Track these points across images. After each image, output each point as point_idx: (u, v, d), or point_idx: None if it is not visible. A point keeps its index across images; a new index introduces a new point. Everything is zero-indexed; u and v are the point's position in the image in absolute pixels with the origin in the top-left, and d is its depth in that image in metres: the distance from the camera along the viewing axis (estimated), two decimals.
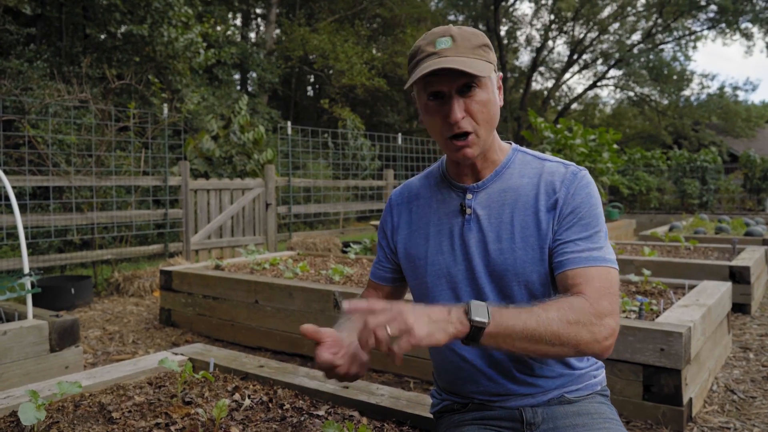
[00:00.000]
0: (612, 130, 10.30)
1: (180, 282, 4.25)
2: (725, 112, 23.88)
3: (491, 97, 1.22)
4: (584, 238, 1.19)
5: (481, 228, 1.27)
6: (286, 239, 8.07)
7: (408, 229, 1.38)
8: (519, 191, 1.26)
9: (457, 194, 1.32)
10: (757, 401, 2.82)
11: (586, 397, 1.29)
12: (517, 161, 1.31)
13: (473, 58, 1.17)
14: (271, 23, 19.92)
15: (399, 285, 1.48)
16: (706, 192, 12.52)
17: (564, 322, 1.05)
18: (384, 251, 1.46)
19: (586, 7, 24.40)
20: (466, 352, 1.30)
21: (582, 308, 1.08)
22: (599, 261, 1.17)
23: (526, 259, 1.23)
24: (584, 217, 1.21)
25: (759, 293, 4.97)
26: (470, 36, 1.20)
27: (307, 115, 23.33)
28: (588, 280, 1.14)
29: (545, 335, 1.04)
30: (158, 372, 2.00)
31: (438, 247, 1.31)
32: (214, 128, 10.08)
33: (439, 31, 1.21)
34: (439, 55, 1.17)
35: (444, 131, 1.21)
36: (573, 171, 1.25)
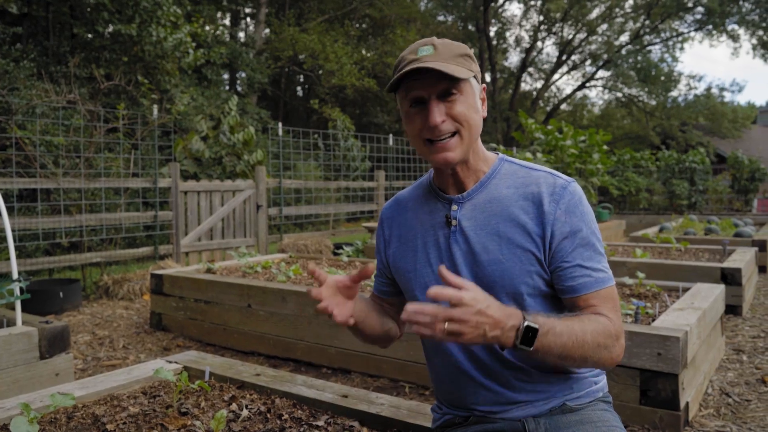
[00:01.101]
0: (602, 131, 10.34)
1: (171, 286, 4.20)
2: (712, 113, 24.09)
3: (472, 104, 1.22)
4: (588, 259, 1.21)
5: (467, 239, 1.26)
6: (277, 241, 8.02)
7: (398, 242, 1.39)
8: (505, 202, 1.26)
9: (443, 205, 1.32)
10: (752, 404, 2.83)
11: (588, 405, 1.28)
12: (503, 171, 1.30)
13: (453, 64, 1.18)
14: (260, 23, 19.82)
15: (399, 298, 1.47)
16: (695, 193, 12.61)
17: (594, 346, 1.12)
18: (380, 266, 1.47)
19: (574, 8, 24.52)
20: (461, 363, 1.29)
21: (608, 332, 1.15)
22: (606, 282, 1.21)
23: (514, 270, 1.22)
24: (585, 237, 1.22)
25: (750, 295, 5.00)
26: (452, 46, 1.22)
27: (296, 116, 23.25)
28: (603, 302, 1.20)
29: (577, 355, 1.11)
30: (152, 381, 1.96)
31: (426, 260, 1.31)
32: (203, 129, 10.00)
33: (421, 41, 1.23)
34: (419, 61, 1.18)
35: (423, 134, 1.21)
36: (562, 185, 1.24)
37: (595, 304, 1.20)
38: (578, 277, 1.20)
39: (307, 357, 3.51)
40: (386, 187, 10.42)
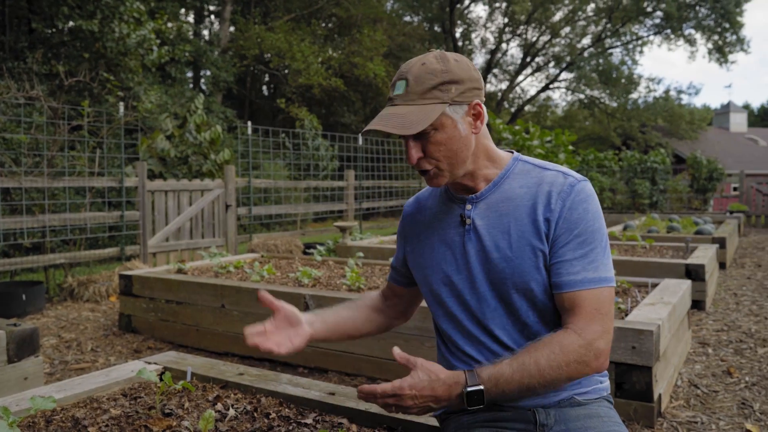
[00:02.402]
0: (567, 132, 10.54)
1: (141, 287, 4.11)
2: (670, 115, 24.81)
3: (452, 134, 1.22)
4: (579, 257, 1.22)
5: (480, 238, 1.30)
6: (246, 241, 7.93)
7: (417, 240, 1.44)
8: (517, 201, 1.29)
9: (458, 205, 1.36)
10: (719, 395, 2.92)
11: (594, 401, 1.31)
12: (516, 171, 1.33)
13: (421, 104, 1.20)
14: (225, 21, 19.56)
15: (409, 291, 1.56)
16: (656, 192, 12.95)
17: (555, 368, 1.15)
18: (398, 259, 1.55)
19: (538, 11, 24.93)
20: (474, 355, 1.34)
21: (571, 345, 1.17)
22: (593, 283, 1.21)
23: (523, 267, 1.25)
24: (581, 233, 1.23)
25: (712, 290, 5.16)
26: (425, 78, 1.20)
27: (262, 115, 23.03)
28: (579, 305, 1.20)
29: (540, 384, 1.16)
30: (132, 383, 1.91)
31: (442, 257, 1.36)
32: (168, 127, 9.81)
33: (402, 70, 1.25)
34: (391, 102, 1.24)
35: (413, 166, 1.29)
36: (570, 183, 1.26)
37: (571, 308, 1.21)
38: (564, 274, 1.22)
39: (283, 357, 3.47)
40: (356, 187, 10.40)
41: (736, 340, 3.87)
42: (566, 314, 1.22)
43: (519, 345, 1.28)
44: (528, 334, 1.29)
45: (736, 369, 3.28)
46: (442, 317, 1.40)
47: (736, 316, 4.52)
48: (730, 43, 23.63)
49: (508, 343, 1.29)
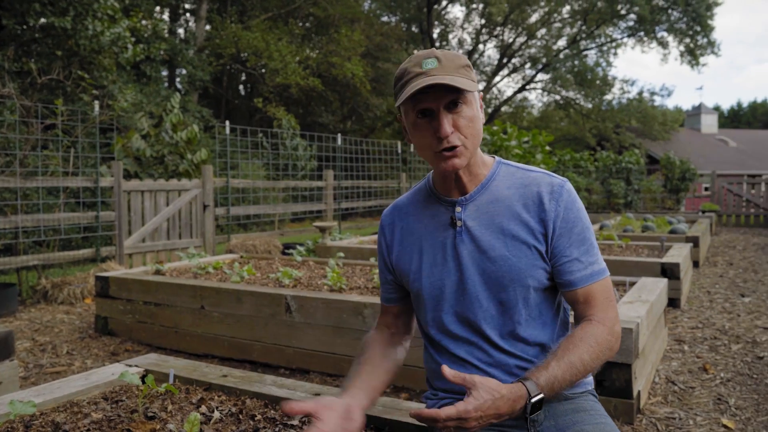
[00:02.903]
0: (544, 132, 10.65)
1: (118, 288, 4.04)
2: (644, 116, 25.22)
3: (476, 113, 1.28)
4: (584, 254, 1.30)
5: (473, 239, 1.32)
6: (224, 242, 7.86)
7: (401, 246, 1.43)
8: (506, 202, 1.32)
9: (446, 208, 1.37)
10: (696, 391, 2.98)
11: (581, 395, 1.35)
12: (501, 173, 1.37)
13: (458, 76, 1.23)
14: (201, 19, 19.35)
15: (406, 303, 1.52)
16: (631, 192, 13.16)
17: (594, 359, 1.23)
18: (384, 273, 1.51)
19: (515, 12, 25.15)
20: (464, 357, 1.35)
21: (601, 335, 1.25)
22: (600, 275, 1.31)
23: (520, 266, 1.29)
24: (580, 231, 1.31)
25: (687, 288, 5.26)
26: (453, 57, 1.26)
27: (239, 114, 22.84)
28: (594, 297, 1.30)
29: (581, 377, 1.23)
30: (113, 386, 1.88)
31: (432, 260, 1.36)
32: (144, 127, 9.67)
33: (423, 53, 1.27)
34: (426, 74, 1.22)
35: (434, 146, 1.26)
36: (559, 183, 1.32)
37: (588, 301, 1.29)
38: (575, 272, 1.29)
39: (263, 358, 3.45)
40: (335, 187, 10.38)
41: (711, 337, 3.95)
42: (583, 307, 1.31)
43: (507, 341, 1.31)
44: (516, 330, 1.31)
45: (711, 365, 3.35)
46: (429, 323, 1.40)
47: (710, 314, 4.61)
48: (701, 45, 24.11)
49: (496, 341, 1.31)
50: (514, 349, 1.32)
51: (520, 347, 1.32)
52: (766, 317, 4.45)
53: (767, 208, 13.41)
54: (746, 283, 5.92)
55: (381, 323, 1.56)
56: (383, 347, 1.47)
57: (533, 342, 1.32)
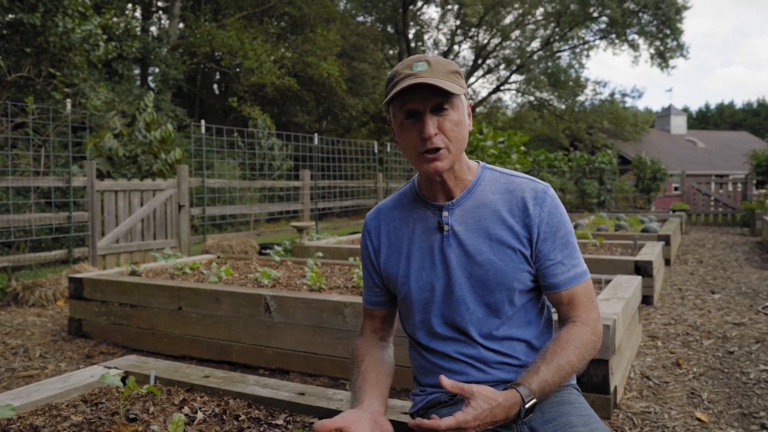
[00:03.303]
0: (519, 133, 10.76)
1: (92, 290, 3.97)
2: (615, 118, 25.64)
3: (462, 118, 1.30)
4: (567, 257, 1.34)
5: (460, 243, 1.35)
6: (200, 242, 7.77)
7: (388, 250, 1.45)
8: (492, 206, 1.35)
9: (433, 212, 1.39)
10: (670, 386, 3.04)
11: (565, 389, 1.38)
12: (486, 178, 1.40)
13: (447, 80, 1.26)
14: (174, 17, 19.10)
15: (393, 305, 1.54)
16: (604, 192, 13.37)
17: (581, 360, 1.29)
18: (371, 277, 1.51)
19: (490, 14, 25.35)
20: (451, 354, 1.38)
21: (586, 337, 1.30)
22: (581, 277, 1.35)
23: (506, 270, 1.32)
24: (563, 236, 1.35)
25: (659, 285, 5.37)
26: (444, 63, 1.29)
27: (213, 114, 22.61)
28: (577, 299, 1.35)
29: (569, 378, 1.28)
30: (92, 388, 1.85)
31: (420, 264, 1.38)
32: (116, 126, 9.51)
33: (415, 57, 1.30)
34: (416, 76, 1.24)
35: (418, 147, 1.28)
36: (542, 189, 1.36)
37: (571, 303, 1.35)
38: (559, 274, 1.33)
39: (243, 359, 3.43)
40: (312, 187, 10.34)
41: (683, 333, 4.03)
42: (566, 308, 1.35)
43: (493, 341, 1.35)
44: (502, 329, 1.35)
45: (684, 360, 3.42)
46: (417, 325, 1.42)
47: (682, 310, 4.71)
48: (670, 48, 24.61)
49: (483, 342, 1.35)
50: (500, 347, 1.35)
51: (507, 345, 1.35)
52: (735, 313, 4.56)
53: (735, 207, 13.74)
54: (716, 281, 6.06)
55: (367, 329, 1.56)
56: (378, 352, 1.48)
57: (519, 339, 1.36)
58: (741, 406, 2.73)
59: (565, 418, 1.26)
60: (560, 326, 1.38)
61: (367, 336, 1.54)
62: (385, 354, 1.50)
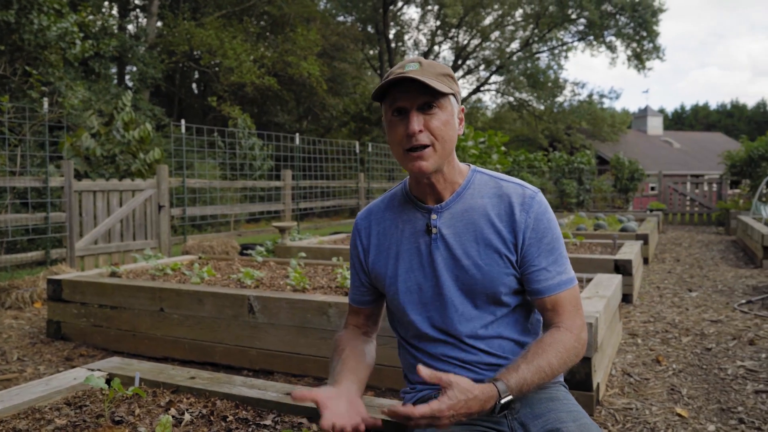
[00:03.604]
0: (500, 133, 10.83)
1: (71, 291, 3.91)
2: (593, 118, 25.95)
3: (450, 119, 1.31)
4: (552, 263, 1.34)
5: (448, 246, 1.35)
6: (180, 243, 7.70)
7: (377, 251, 1.45)
8: (480, 211, 1.36)
9: (422, 214, 1.40)
10: (650, 382, 3.09)
11: (553, 385, 1.41)
12: (476, 182, 1.40)
13: (436, 81, 1.27)
14: (152, 15, 18.89)
15: (378, 304, 1.55)
16: (583, 192, 13.52)
17: (561, 364, 1.29)
18: (359, 276, 1.51)
19: (469, 14, 25.48)
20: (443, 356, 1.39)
21: (569, 342, 1.31)
22: (567, 284, 1.35)
23: (492, 273, 1.33)
24: (549, 242, 1.35)
25: (638, 284, 5.44)
26: (436, 65, 1.31)
27: (192, 113, 22.41)
28: (561, 306, 1.35)
29: (548, 381, 1.28)
30: (75, 391, 1.82)
31: (409, 266, 1.39)
32: (94, 125, 9.38)
33: (409, 59, 1.32)
34: (404, 75, 1.25)
35: (403, 143, 1.29)
36: (530, 195, 1.36)
37: (556, 309, 1.34)
38: (543, 281, 1.33)
39: (226, 360, 3.40)
40: (293, 187, 10.30)
41: (662, 330, 4.10)
42: (551, 314, 1.35)
43: (481, 341, 1.37)
44: (489, 330, 1.37)
45: (664, 357, 3.48)
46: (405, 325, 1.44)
47: (661, 308, 4.79)
48: (647, 50, 24.97)
49: (471, 342, 1.37)
50: (489, 347, 1.37)
51: (496, 344, 1.37)
52: (712, 311, 4.65)
53: (710, 207, 14.00)
54: (693, 279, 6.17)
55: (351, 324, 1.57)
56: (360, 345, 1.50)
57: (508, 339, 1.38)
58: (719, 402, 2.79)
59: (554, 414, 1.28)
60: (543, 330, 1.40)
61: (350, 330, 1.56)
62: (366, 347, 1.51)
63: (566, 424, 1.24)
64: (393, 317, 1.51)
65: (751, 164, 12.60)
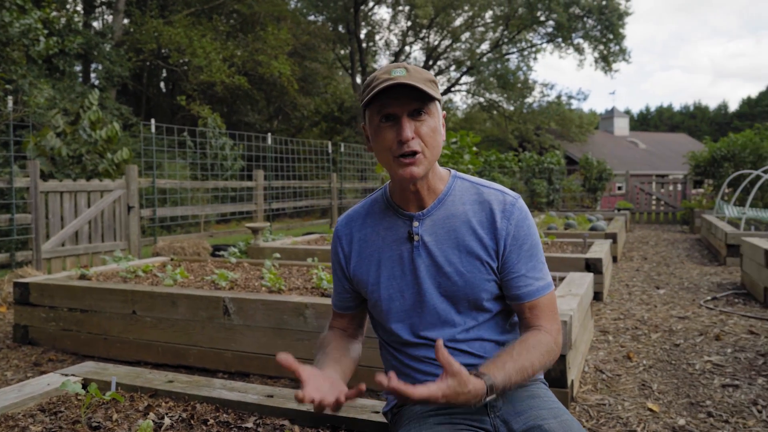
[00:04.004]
0: (471, 134, 10.90)
1: (39, 295, 3.82)
2: (562, 119, 26.34)
3: (438, 126, 1.32)
4: (531, 269, 1.36)
5: (430, 253, 1.36)
6: (150, 244, 7.57)
7: (359, 257, 1.45)
8: (462, 218, 1.37)
9: (403, 221, 1.40)
10: (622, 378, 3.15)
11: (534, 383, 1.44)
12: (457, 188, 1.41)
13: (424, 86, 1.27)
14: (119, 12, 18.53)
15: (362, 309, 1.55)
16: (553, 191, 13.72)
17: (541, 365, 1.30)
18: (341, 283, 1.51)
19: (440, 15, 25.61)
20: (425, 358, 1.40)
21: (548, 344, 1.33)
22: (545, 289, 1.37)
23: (474, 280, 1.35)
24: (529, 248, 1.37)
25: (608, 282, 5.55)
26: (421, 71, 1.31)
27: (160, 112, 22.05)
28: (540, 310, 1.37)
29: (529, 379, 1.29)
30: (49, 397, 1.78)
31: (390, 273, 1.39)
32: (59, 124, 9.16)
33: (394, 64, 1.31)
34: (395, 80, 1.25)
35: (394, 150, 1.28)
36: (511, 201, 1.38)
37: (535, 315, 1.37)
38: (522, 287, 1.35)
39: (200, 363, 3.36)
40: (265, 187, 10.22)
41: (632, 327, 4.19)
42: (529, 318, 1.37)
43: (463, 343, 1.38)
44: (471, 333, 1.39)
45: (634, 354, 3.56)
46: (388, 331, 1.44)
47: (630, 306, 4.89)
48: (613, 52, 25.44)
49: (453, 345, 1.38)
50: (469, 348, 1.38)
51: (477, 345, 1.39)
52: (679, 307, 4.77)
53: (675, 206, 14.35)
54: (660, 276, 6.32)
55: (336, 327, 1.57)
56: (345, 344, 1.50)
57: (489, 340, 1.40)
58: (689, 396, 2.86)
59: (535, 411, 1.31)
60: (522, 331, 1.41)
61: (335, 331, 1.55)
62: (351, 346, 1.52)
63: (547, 421, 1.27)
64: (374, 322, 1.51)
65: (714, 165, 12.95)
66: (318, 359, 1.40)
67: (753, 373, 3.16)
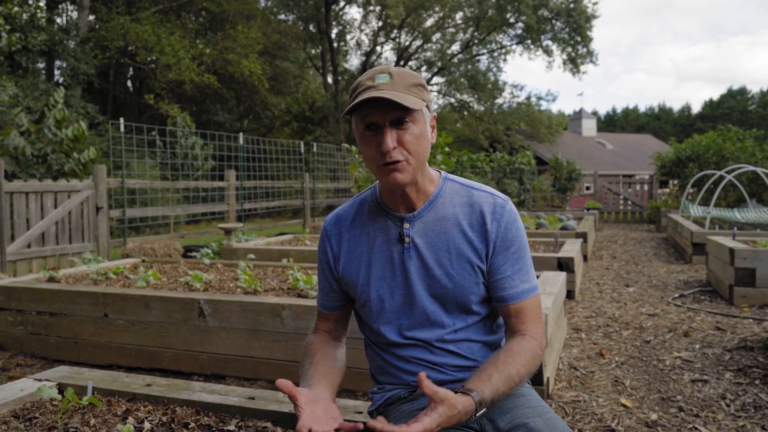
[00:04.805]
0: (444, 134, 10.97)
1: (6, 298, 3.71)
2: (532, 120, 26.69)
3: (423, 131, 1.31)
4: (517, 271, 1.37)
5: (420, 255, 1.37)
6: (120, 245, 7.43)
7: (348, 257, 1.44)
8: (452, 220, 1.37)
9: (394, 223, 1.40)
10: (596, 375, 3.21)
11: None
12: (447, 190, 1.41)
13: (407, 94, 1.26)
14: (84, 9, 18.11)
15: (348, 309, 1.55)
16: (524, 191, 13.89)
17: (528, 372, 1.32)
18: (329, 282, 1.50)
19: (411, 16, 25.70)
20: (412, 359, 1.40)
21: (533, 350, 1.34)
22: (530, 292, 1.38)
23: (464, 283, 1.36)
24: (516, 250, 1.38)
25: (579, 280, 5.64)
26: (407, 75, 1.30)
27: (128, 111, 21.64)
28: (525, 313, 1.38)
29: (516, 386, 1.30)
30: (23, 403, 1.74)
31: (381, 274, 1.39)
32: (23, 123, 8.91)
33: (380, 68, 1.30)
34: (376, 88, 1.25)
35: (377, 159, 1.28)
36: (500, 204, 1.38)
37: (519, 318, 1.37)
38: (507, 288, 1.36)
39: (175, 366, 3.31)
40: (237, 187, 10.11)
41: (604, 324, 4.27)
42: (514, 321, 1.38)
43: (452, 344, 1.39)
44: (460, 334, 1.40)
45: (607, 351, 3.62)
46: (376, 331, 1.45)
47: (601, 303, 4.98)
48: (581, 54, 25.88)
49: (441, 346, 1.39)
50: (457, 349, 1.39)
51: (465, 347, 1.40)
52: (649, 305, 4.88)
53: (642, 205, 14.66)
54: (629, 275, 6.45)
55: (321, 329, 1.56)
56: (331, 350, 1.49)
57: (476, 341, 1.41)
58: (660, 391, 2.93)
59: (520, 410, 1.32)
60: (507, 336, 1.42)
61: (320, 334, 1.55)
62: (337, 352, 1.51)
63: (532, 419, 1.28)
64: (362, 322, 1.51)
65: (680, 165, 13.27)
66: (306, 371, 1.39)
67: (720, 368, 3.25)
